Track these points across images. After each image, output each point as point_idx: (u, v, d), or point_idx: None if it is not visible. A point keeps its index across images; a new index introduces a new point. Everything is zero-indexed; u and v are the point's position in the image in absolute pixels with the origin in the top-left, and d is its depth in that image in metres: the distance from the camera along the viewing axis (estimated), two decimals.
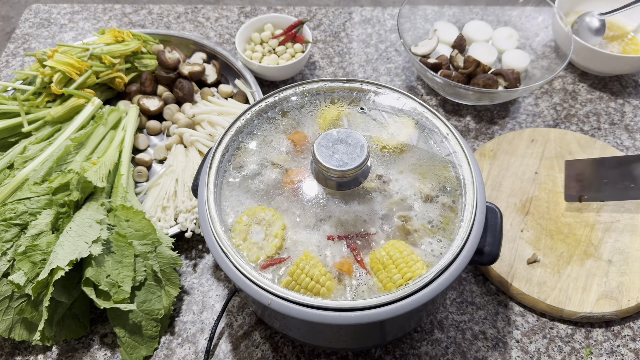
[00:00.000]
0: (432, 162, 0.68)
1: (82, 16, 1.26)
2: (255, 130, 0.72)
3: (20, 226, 0.76)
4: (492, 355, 0.76)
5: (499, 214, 0.66)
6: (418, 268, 0.59)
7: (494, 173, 0.93)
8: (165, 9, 1.27)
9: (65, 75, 0.96)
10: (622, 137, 1.02)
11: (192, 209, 0.85)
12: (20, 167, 0.85)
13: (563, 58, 1.01)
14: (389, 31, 1.23)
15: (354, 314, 0.55)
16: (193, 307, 0.81)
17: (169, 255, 0.78)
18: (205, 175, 0.66)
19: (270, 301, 0.56)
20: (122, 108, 0.98)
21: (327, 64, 1.15)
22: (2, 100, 0.95)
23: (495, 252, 0.64)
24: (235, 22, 1.24)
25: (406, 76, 1.14)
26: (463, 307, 0.81)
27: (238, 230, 0.63)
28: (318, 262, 0.60)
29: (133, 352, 0.75)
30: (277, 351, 0.77)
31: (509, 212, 0.88)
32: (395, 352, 0.77)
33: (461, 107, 1.07)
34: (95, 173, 0.82)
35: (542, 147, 0.96)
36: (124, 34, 1.03)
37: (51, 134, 0.92)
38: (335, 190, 0.65)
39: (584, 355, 0.76)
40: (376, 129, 0.71)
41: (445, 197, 0.65)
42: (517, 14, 1.14)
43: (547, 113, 1.06)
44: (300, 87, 0.75)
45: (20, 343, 0.78)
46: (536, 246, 0.84)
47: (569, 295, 0.78)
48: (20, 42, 1.21)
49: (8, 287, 0.73)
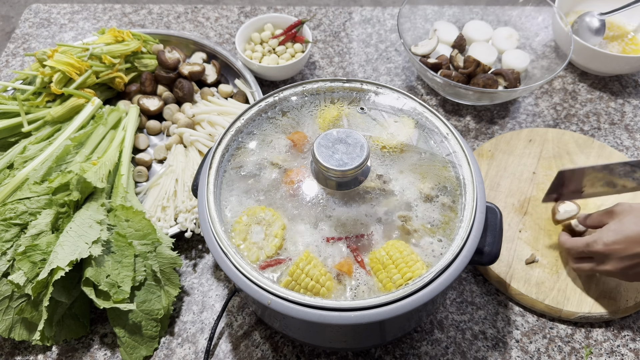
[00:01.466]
0: (432, 162, 0.68)
1: (82, 16, 1.26)
2: (255, 130, 0.72)
3: (20, 226, 0.76)
4: (492, 355, 0.76)
5: (499, 214, 0.66)
6: (418, 268, 0.59)
7: (491, 173, 0.93)
8: (165, 8, 1.27)
9: (65, 75, 0.96)
10: (622, 137, 1.02)
11: (192, 208, 0.85)
12: (20, 167, 0.85)
13: (563, 58, 1.01)
14: (389, 31, 1.23)
15: (353, 314, 0.55)
16: (193, 307, 0.81)
17: (169, 255, 0.78)
18: (205, 175, 0.66)
19: (270, 301, 0.56)
20: (122, 108, 0.98)
21: (327, 64, 1.15)
22: (2, 100, 0.95)
23: (495, 252, 0.64)
24: (235, 22, 1.24)
25: (406, 76, 1.14)
26: (463, 307, 0.81)
27: (238, 230, 0.63)
28: (318, 262, 0.60)
29: (133, 352, 0.75)
30: (277, 351, 0.77)
31: (507, 213, 0.88)
32: (395, 352, 0.77)
33: (461, 107, 1.07)
34: (95, 173, 0.82)
35: (540, 147, 0.96)
36: (124, 33, 1.03)
37: (51, 134, 0.92)
38: (335, 190, 0.65)
39: (584, 355, 0.76)
40: (376, 128, 0.71)
41: (445, 197, 0.65)
42: (517, 14, 1.14)
43: (547, 113, 1.06)
44: (300, 87, 0.75)
45: (20, 343, 0.78)
46: (534, 246, 0.84)
47: (568, 295, 0.78)
48: (20, 42, 1.21)
49: (8, 287, 0.73)
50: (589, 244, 0.73)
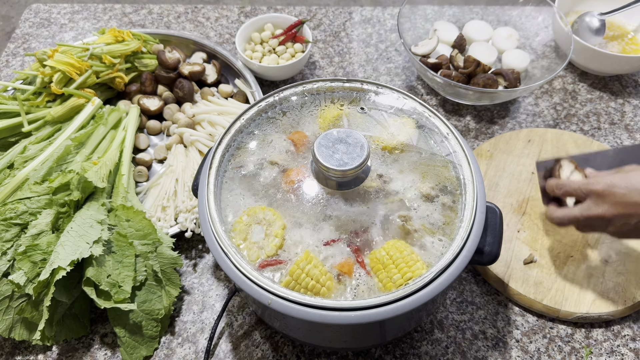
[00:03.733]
0: (432, 162, 0.68)
1: (82, 16, 1.26)
2: (255, 130, 0.72)
3: (21, 226, 0.76)
4: (492, 355, 0.76)
5: (499, 214, 0.66)
6: (418, 268, 0.59)
7: (490, 173, 0.93)
8: (165, 8, 1.27)
9: (65, 75, 0.96)
10: (622, 136, 1.02)
11: (192, 208, 0.86)
12: (20, 167, 0.85)
13: (563, 58, 1.01)
14: (389, 31, 1.23)
15: (353, 313, 0.55)
16: (193, 306, 0.81)
17: (170, 255, 0.78)
18: (205, 175, 0.66)
19: (270, 301, 0.56)
20: (122, 108, 0.98)
21: (327, 64, 1.15)
22: (2, 100, 0.95)
23: (495, 252, 0.64)
24: (235, 21, 1.24)
25: (406, 76, 1.14)
26: (463, 307, 0.81)
27: (238, 230, 0.63)
28: (318, 262, 0.60)
29: (133, 352, 0.75)
30: (277, 351, 0.77)
31: (506, 213, 0.88)
32: (395, 352, 0.77)
33: (461, 107, 1.07)
34: (95, 173, 0.82)
35: (539, 148, 0.96)
36: (124, 33, 1.03)
37: (51, 134, 0.92)
38: (336, 190, 0.65)
39: (584, 355, 0.76)
40: (376, 128, 0.72)
41: (446, 197, 0.65)
42: (517, 14, 1.14)
43: (547, 113, 1.06)
44: (300, 86, 0.75)
45: (20, 343, 0.78)
46: (533, 246, 0.84)
47: (566, 295, 0.79)
48: (20, 41, 1.21)
49: (8, 287, 0.73)
50: (588, 182, 0.70)
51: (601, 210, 0.68)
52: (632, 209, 0.66)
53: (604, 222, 0.69)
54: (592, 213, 0.69)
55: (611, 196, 0.67)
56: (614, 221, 0.68)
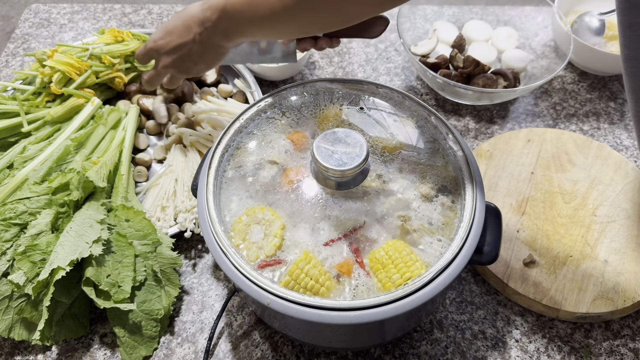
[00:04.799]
0: (431, 162, 0.68)
1: (81, 16, 1.26)
2: (254, 130, 0.72)
3: (20, 226, 0.77)
4: (492, 354, 0.76)
5: (499, 214, 0.66)
6: (417, 268, 0.59)
7: (490, 173, 0.93)
8: (165, 9, 1.27)
9: (65, 75, 0.96)
10: (622, 136, 1.02)
11: (192, 208, 0.86)
12: (19, 167, 0.85)
13: (563, 58, 1.01)
14: (389, 31, 1.23)
15: (353, 313, 0.55)
16: (193, 306, 0.81)
17: (169, 255, 0.78)
18: (204, 175, 0.66)
19: (269, 301, 0.56)
20: (122, 108, 0.98)
21: (327, 64, 1.15)
22: (2, 100, 0.95)
23: (494, 252, 0.64)
24: None
25: (406, 76, 1.14)
26: (462, 307, 0.81)
27: (237, 230, 0.63)
28: (317, 262, 0.60)
29: (133, 352, 0.75)
30: (277, 351, 0.77)
31: (505, 213, 0.88)
32: (395, 352, 0.77)
33: (461, 107, 1.07)
34: (96, 173, 0.82)
35: (539, 147, 0.96)
36: (123, 33, 1.03)
37: (51, 134, 0.92)
38: (335, 190, 0.65)
39: (584, 354, 0.76)
40: (376, 128, 0.72)
41: (445, 197, 0.65)
42: (516, 14, 1.14)
43: (546, 113, 1.06)
44: (299, 86, 0.75)
45: (19, 343, 0.78)
46: (532, 246, 0.84)
47: (565, 295, 0.79)
48: (20, 42, 1.21)
49: (8, 287, 0.73)
50: (145, 45, 0.75)
51: (164, 62, 0.74)
52: (179, 51, 0.71)
53: (174, 69, 0.74)
54: (161, 68, 0.75)
55: (161, 49, 0.73)
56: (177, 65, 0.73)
